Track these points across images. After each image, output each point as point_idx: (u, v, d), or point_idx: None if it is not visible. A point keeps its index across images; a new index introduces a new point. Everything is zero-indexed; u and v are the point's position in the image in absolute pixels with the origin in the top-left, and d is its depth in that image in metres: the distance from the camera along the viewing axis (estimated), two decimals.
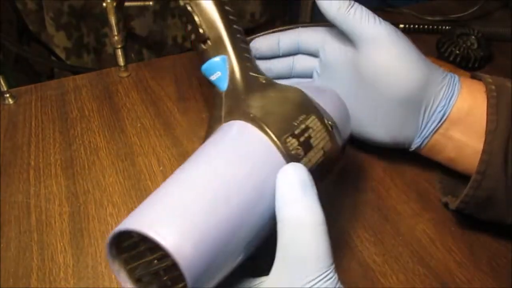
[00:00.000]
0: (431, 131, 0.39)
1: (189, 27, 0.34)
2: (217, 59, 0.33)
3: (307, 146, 0.30)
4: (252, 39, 0.67)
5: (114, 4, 0.54)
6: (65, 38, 0.95)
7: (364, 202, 0.42)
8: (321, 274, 0.26)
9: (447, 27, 0.67)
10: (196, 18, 0.33)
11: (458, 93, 0.38)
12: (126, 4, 0.57)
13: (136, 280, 0.26)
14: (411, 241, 0.40)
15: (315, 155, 0.30)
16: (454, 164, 0.40)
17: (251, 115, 0.30)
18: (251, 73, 0.33)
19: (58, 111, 0.54)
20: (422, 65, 0.38)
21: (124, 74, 0.60)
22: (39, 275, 0.37)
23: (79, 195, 0.44)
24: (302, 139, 0.30)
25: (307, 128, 0.30)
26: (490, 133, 0.35)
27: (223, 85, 0.32)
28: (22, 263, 0.38)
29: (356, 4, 0.39)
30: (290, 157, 0.29)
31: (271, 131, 0.29)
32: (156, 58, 0.84)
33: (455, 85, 0.39)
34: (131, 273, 0.26)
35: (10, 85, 0.56)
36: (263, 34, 0.67)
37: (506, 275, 0.37)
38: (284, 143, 0.29)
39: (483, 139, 0.36)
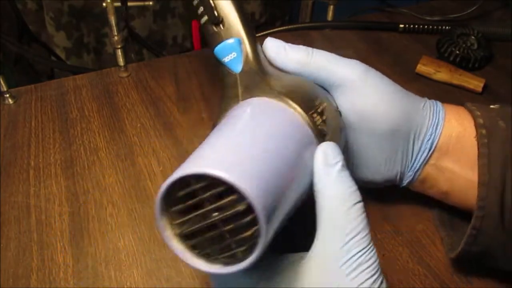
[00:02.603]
0: (422, 162, 0.37)
1: (201, 10, 0.35)
2: (231, 40, 0.34)
3: (328, 124, 0.31)
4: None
5: (115, 4, 0.54)
6: (65, 38, 0.95)
7: (364, 202, 0.42)
8: (362, 247, 0.27)
9: (447, 27, 0.67)
10: (211, 1, 0.34)
11: (444, 120, 0.37)
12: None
13: (182, 236, 0.25)
14: (411, 241, 0.39)
15: (334, 135, 0.31)
16: (448, 198, 0.38)
17: (276, 92, 0.31)
18: (262, 56, 0.35)
19: (58, 111, 0.54)
20: (401, 98, 0.36)
21: (124, 74, 0.60)
22: (39, 275, 0.37)
23: (79, 195, 0.44)
24: (324, 117, 0.31)
25: (324, 109, 0.32)
26: (483, 186, 0.33)
27: (238, 66, 0.33)
28: (22, 263, 0.38)
29: (316, 50, 0.36)
30: (318, 132, 0.30)
31: (299, 107, 0.30)
32: (156, 58, 0.84)
33: (439, 112, 0.37)
34: (176, 229, 0.25)
35: (10, 85, 0.56)
36: (262, 35, 0.67)
37: (506, 275, 0.37)
38: (311, 118, 0.30)
39: (475, 169, 0.34)
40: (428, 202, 0.43)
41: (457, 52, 0.59)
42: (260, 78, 0.32)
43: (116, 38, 0.57)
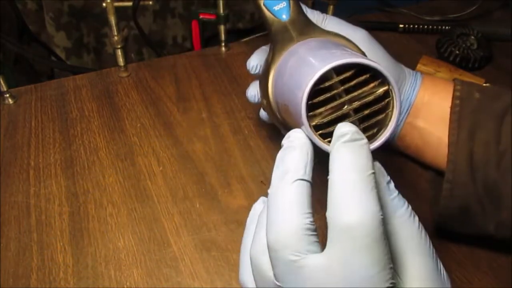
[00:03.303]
0: (402, 119, 0.43)
1: None
2: None
3: None
4: (251, 39, 0.68)
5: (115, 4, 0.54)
6: (65, 38, 0.95)
7: None
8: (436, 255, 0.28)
9: (447, 27, 0.67)
10: None
11: (421, 83, 0.43)
12: (126, 4, 0.57)
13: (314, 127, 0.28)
14: None
15: None
16: (422, 154, 0.43)
17: (332, 33, 0.35)
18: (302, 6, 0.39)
19: (58, 111, 0.54)
20: (392, 63, 0.43)
21: (124, 74, 0.60)
22: (39, 275, 0.37)
23: (79, 195, 0.44)
24: None
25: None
26: (452, 144, 0.38)
27: (286, 15, 0.37)
28: (22, 263, 0.38)
29: (328, 16, 0.41)
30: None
31: (354, 46, 0.35)
32: (156, 58, 0.84)
33: (417, 77, 0.43)
34: (310, 120, 0.28)
35: (10, 85, 0.56)
36: (262, 35, 0.67)
37: (506, 275, 0.37)
38: (366, 57, 0.34)
39: (442, 127, 0.40)
40: (428, 202, 0.43)
41: (457, 52, 0.59)
42: (309, 24, 0.36)
43: (116, 38, 0.57)
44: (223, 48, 0.64)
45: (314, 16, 0.40)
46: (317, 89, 0.27)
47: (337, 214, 0.24)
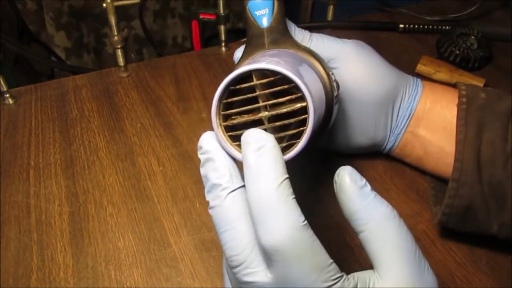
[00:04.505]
0: (402, 128, 0.42)
1: None
2: None
3: (334, 88, 0.35)
4: None
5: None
6: (65, 38, 0.95)
7: None
8: (421, 252, 0.27)
9: (447, 27, 0.67)
10: None
11: (422, 91, 0.42)
12: (126, 2, 0.57)
13: (227, 127, 0.28)
14: None
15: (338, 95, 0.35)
16: (423, 163, 0.43)
17: (302, 47, 0.35)
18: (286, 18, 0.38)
19: (58, 111, 0.54)
20: (389, 71, 0.42)
21: (124, 74, 0.60)
22: (39, 275, 0.37)
23: (79, 195, 0.44)
24: (333, 81, 0.35)
25: (333, 74, 0.36)
26: (460, 142, 0.37)
27: (267, 21, 0.37)
28: (22, 263, 0.38)
29: (315, 34, 0.41)
30: (332, 87, 0.34)
31: (319, 63, 0.34)
32: (156, 58, 0.84)
33: (418, 84, 0.43)
34: (223, 119, 0.28)
35: (10, 85, 0.56)
36: None
37: (506, 275, 0.37)
38: (328, 75, 0.34)
39: (444, 137, 0.40)
40: (429, 202, 0.43)
41: (457, 52, 0.59)
42: (285, 35, 0.36)
43: (116, 38, 0.57)
44: (223, 48, 0.64)
45: (302, 34, 0.40)
46: (236, 91, 0.27)
47: (260, 236, 0.24)
